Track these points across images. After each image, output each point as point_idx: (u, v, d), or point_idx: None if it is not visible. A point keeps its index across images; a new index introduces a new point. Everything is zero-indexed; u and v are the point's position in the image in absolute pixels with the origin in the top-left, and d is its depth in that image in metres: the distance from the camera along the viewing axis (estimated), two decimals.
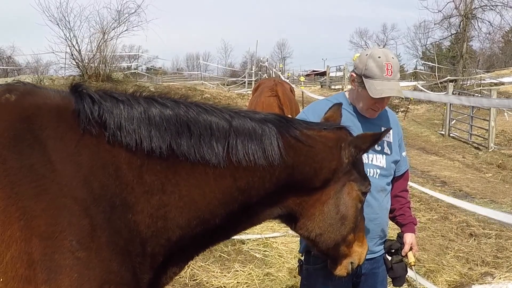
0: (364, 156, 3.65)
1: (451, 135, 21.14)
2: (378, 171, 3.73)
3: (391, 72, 3.46)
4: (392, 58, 3.52)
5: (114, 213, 2.27)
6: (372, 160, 3.71)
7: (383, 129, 3.73)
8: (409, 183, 4.57)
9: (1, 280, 2.07)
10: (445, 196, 9.01)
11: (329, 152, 2.84)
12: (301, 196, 2.87)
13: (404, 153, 3.98)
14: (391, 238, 3.96)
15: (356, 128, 3.65)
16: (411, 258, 3.88)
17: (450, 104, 21.29)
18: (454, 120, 22.12)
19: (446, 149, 18.51)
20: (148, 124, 2.39)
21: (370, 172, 3.66)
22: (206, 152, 2.47)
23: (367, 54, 3.56)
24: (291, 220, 2.99)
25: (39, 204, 2.11)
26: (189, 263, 5.93)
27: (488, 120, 18.21)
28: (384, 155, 3.76)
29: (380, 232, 3.84)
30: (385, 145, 3.78)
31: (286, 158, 2.66)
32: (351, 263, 3.23)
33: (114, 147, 2.33)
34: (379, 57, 3.48)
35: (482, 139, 19.25)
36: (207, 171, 2.49)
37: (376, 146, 3.69)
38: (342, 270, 3.25)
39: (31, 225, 2.09)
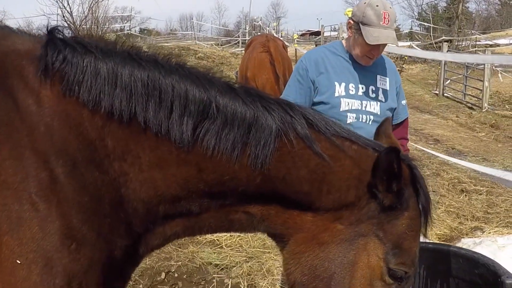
0: (357, 102, 3.69)
1: (445, 94, 21.11)
2: (372, 117, 3.76)
3: (388, 21, 3.51)
4: (390, 7, 3.58)
5: (77, 168, 2.12)
6: (366, 107, 3.74)
7: (379, 77, 3.81)
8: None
9: None
10: (438, 153, 9.05)
11: (357, 175, 2.14)
12: (292, 219, 2.23)
13: (404, 102, 4.02)
14: None
15: (352, 76, 3.72)
16: None
17: (445, 64, 21.25)
18: (449, 80, 22.05)
19: (440, 108, 18.53)
20: (114, 83, 2.13)
21: (362, 119, 3.72)
22: (172, 125, 2.11)
23: (365, 2, 3.61)
24: (281, 244, 2.34)
25: (0, 152, 2.04)
26: None
27: (482, 81, 18.18)
28: (378, 102, 3.79)
29: None
30: (380, 92, 3.81)
31: (277, 166, 2.12)
32: None
33: (75, 102, 2.13)
34: (377, 5, 3.53)
35: (476, 99, 19.23)
36: (171, 150, 2.15)
37: (370, 93, 3.74)
38: None
39: None
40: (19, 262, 2.02)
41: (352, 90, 3.72)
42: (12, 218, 2.01)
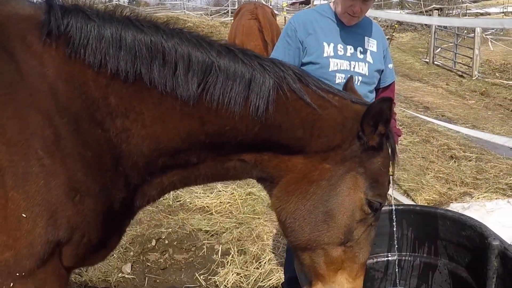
0: (345, 63, 3.70)
1: (435, 63, 21.08)
2: (360, 78, 3.77)
3: None
4: None
5: (80, 125, 2.25)
6: (354, 67, 3.75)
7: (366, 39, 3.83)
8: None
9: None
10: (427, 118, 9.07)
11: (341, 121, 2.43)
12: (285, 162, 2.48)
13: (390, 65, 4.04)
14: None
15: (340, 37, 3.75)
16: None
17: (435, 32, 21.17)
18: (439, 49, 21.99)
19: (430, 76, 18.52)
20: (118, 46, 2.28)
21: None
22: (179, 84, 2.29)
23: None
24: (271, 188, 2.60)
25: (5, 112, 2.13)
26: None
27: (472, 49, 18.15)
28: (366, 63, 3.81)
29: None
30: (368, 53, 3.83)
31: (274, 115, 2.35)
32: None
33: (80, 63, 2.27)
34: None
35: (466, 67, 19.21)
36: (175, 106, 2.33)
37: (358, 54, 3.74)
38: None
39: None
40: (25, 215, 2.13)
41: (341, 51, 3.73)
42: (18, 174, 2.11)
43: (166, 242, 6.08)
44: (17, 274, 2.15)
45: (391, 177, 3.81)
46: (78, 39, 2.25)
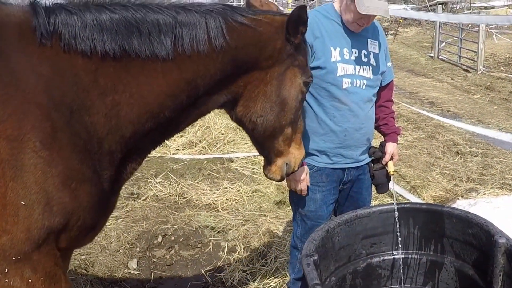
0: (351, 67, 3.69)
1: (440, 57, 20.99)
2: (365, 81, 3.78)
3: None
4: None
5: (73, 116, 2.52)
6: (359, 72, 3.75)
7: (369, 41, 3.83)
8: (399, 102, 4.59)
9: None
10: (433, 115, 9.05)
11: (274, 32, 2.97)
12: (246, 78, 3.00)
13: (389, 63, 4.02)
14: (375, 146, 4.04)
15: (345, 40, 3.73)
16: (390, 167, 4.02)
17: (440, 27, 21.08)
18: (444, 43, 21.88)
19: (435, 71, 18.44)
20: (100, 30, 2.61)
21: (356, 83, 3.75)
22: (156, 47, 2.68)
23: None
24: (234, 105, 3.12)
25: (6, 109, 2.34)
26: (178, 182, 6.07)
27: (477, 43, 18.07)
28: (370, 66, 3.80)
29: (365, 141, 3.94)
30: (371, 56, 3.82)
31: (230, 41, 2.83)
32: (286, 164, 3.30)
33: (71, 56, 2.57)
34: None
35: (471, 61, 19.12)
36: (156, 67, 2.72)
37: (362, 57, 3.73)
38: (276, 171, 3.32)
39: None
40: (23, 203, 2.35)
41: (347, 55, 3.73)
42: (17, 166, 2.33)
43: (172, 238, 6.11)
44: (13, 258, 2.38)
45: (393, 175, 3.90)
46: (67, 33, 2.55)
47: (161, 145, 3.21)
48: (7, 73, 2.40)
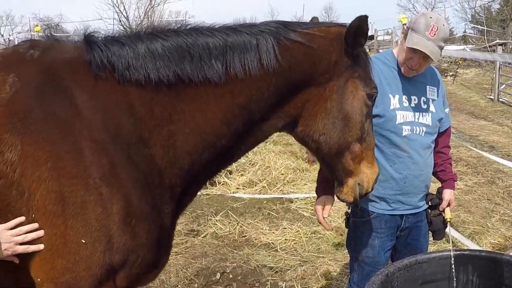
0: (410, 114, 3.75)
1: (500, 100, 20.68)
2: (424, 129, 3.80)
3: (435, 34, 3.50)
4: (443, 25, 3.57)
5: (131, 149, 2.52)
6: (418, 119, 3.78)
7: (428, 87, 3.86)
8: (458, 146, 4.62)
9: (34, 216, 2.36)
10: (494, 156, 8.94)
11: (329, 44, 2.85)
12: (303, 96, 2.87)
13: (447, 110, 4.02)
14: (432, 193, 4.08)
15: (404, 87, 3.77)
16: (447, 214, 4.02)
17: (499, 68, 20.84)
18: (504, 85, 21.58)
19: (495, 114, 18.15)
20: (152, 58, 2.60)
21: (416, 130, 3.77)
22: (207, 71, 2.64)
23: (423, 13, 3.69)
24: (294, 127, 2.98)
25: (63, 146, 2.37)
26: (238, 220, 6.08)
27: None
28: (429, 113, 3.83)
29: (424, 188, 3.96)
30: (430, 103, 3.85)
31: (283, 62, 2.74)
32: (358, 184, 3.07)
33: (125, 87, 2.58)
34: (431, 17, 3.57)
35: None
36: (208, 92, 2.67)
37: (422, 104, 3.79)
38: (348, 192, 3.08)
39: (57, 166, 2.35)
40: (84, 241, 2.36)
41: (406, 102, 3.75)
42: (77, 203, 2.34)
43: (231, 276, 6.20)
44: None
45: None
46: (121, 64, 2.57)
47: (219, 182, 3.24)
48: (63, 109, 2.44)
